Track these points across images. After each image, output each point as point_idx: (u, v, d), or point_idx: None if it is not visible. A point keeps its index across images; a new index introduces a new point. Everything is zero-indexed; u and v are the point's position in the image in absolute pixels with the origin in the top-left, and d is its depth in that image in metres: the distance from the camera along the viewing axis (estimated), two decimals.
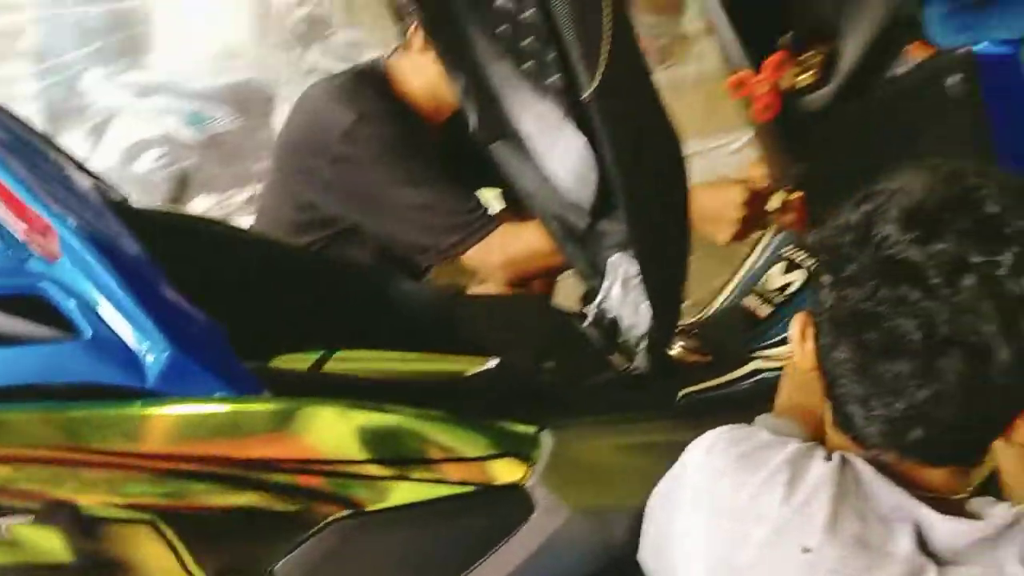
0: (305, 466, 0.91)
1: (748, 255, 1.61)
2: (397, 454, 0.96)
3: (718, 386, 1.40)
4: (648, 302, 1.32)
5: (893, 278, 0.76)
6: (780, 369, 1.41)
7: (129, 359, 0.88)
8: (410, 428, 0.97)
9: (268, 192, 1.93)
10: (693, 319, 1.55)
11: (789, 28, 1.37)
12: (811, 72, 1.37)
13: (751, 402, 1.31)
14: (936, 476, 0.82)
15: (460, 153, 1.76)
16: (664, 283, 1.23)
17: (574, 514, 1.13)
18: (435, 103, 1.79)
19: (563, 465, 1.11)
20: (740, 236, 1.58)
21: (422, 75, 1.76)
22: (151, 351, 0.88)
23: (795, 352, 0.91)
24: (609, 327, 1.41)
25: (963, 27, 1.15)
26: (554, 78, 1.26)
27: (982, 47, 1.16)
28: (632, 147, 1.03)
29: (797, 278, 1.50)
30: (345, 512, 0.94)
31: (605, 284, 1.43)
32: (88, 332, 0.87)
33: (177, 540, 0.90)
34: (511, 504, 1.07)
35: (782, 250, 1.55)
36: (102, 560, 0.91)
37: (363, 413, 0.94)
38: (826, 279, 0.82)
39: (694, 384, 1.39)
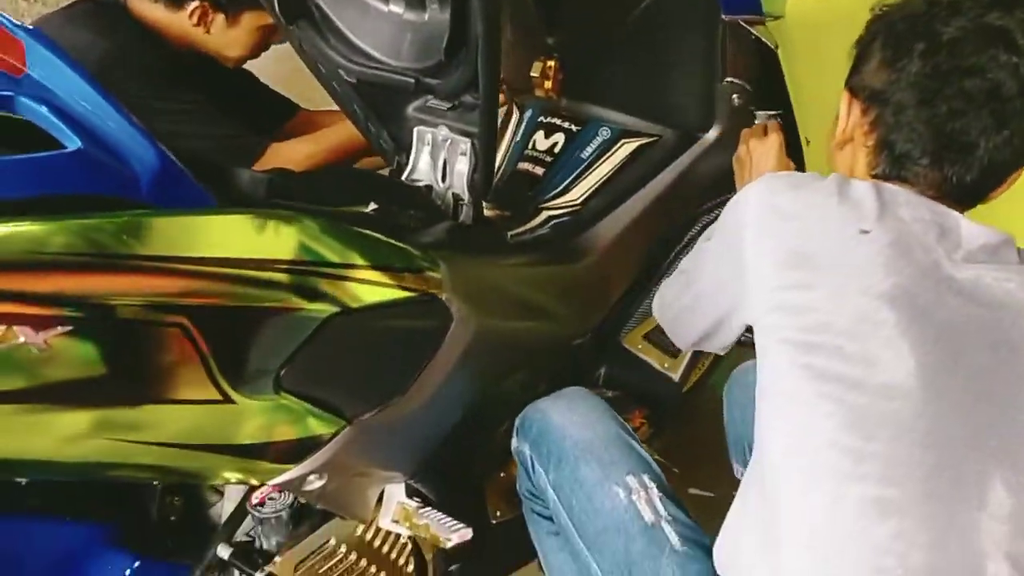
0: (291, 265, 0.93)
1: (506, 128, 1.79)
2: (352, 258, 1.00)
3: (527, 231, 1.57)
4: (468, 154, 1.44)
5: (989, 40, 0.97)
6: (567, 214, 1.62)
7: (119, 167, 0.83)
8: (364, 240, 1.02)
9: None
10: None
11: None
12: None
13: (554, 238, 1.51)
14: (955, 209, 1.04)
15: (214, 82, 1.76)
16: (491, 126, 1.36)
17: (481, 324, 1.24)
18: (185, 42, 1.76)
19: (460, 283, 1.21)
20: None
21: (182, 30, 1.73)
22: (139, 160, 0.84)
23: (840, 123, 1.11)
24: (424, 193, 1.52)
25: None
26: None
27: None
28: None
29: (560, 139, 1.71)
30: (336, 309, 0.97)
31: (412, 156, 1.53)
32: (75, 142, 0.81)
33: (204, 343, 0.87)
34: (437, 312, 1.15)
35: (538, 119, 1.75)
36: (133, 371, 0.85)
37: (326, 223, 0.97)
38: (919, 46, 1.00)
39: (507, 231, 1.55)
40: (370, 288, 1.02)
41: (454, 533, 1.14)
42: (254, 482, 1.06)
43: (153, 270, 0.82)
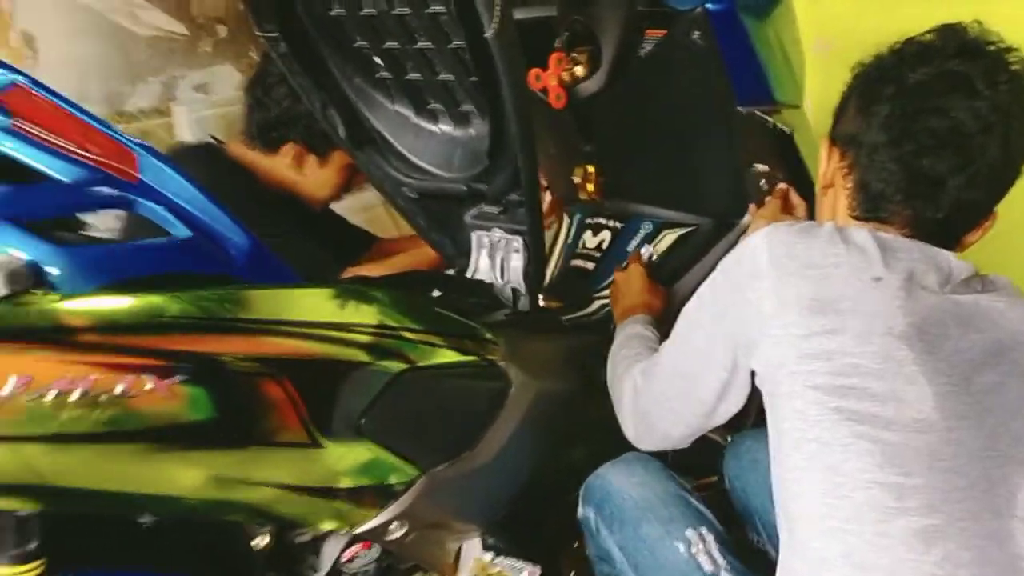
0: (365, 328, 1.09)
1: (557, 233, 1.96)
2: (418, 325, 1.16)
3: (581, 316, 1.71)
4: (521, 250, 1.61)
5: (952, 84, 1.07)
6: None
7: (219, 251, 1.02)
8: (427, 310, 1.19)
9: None
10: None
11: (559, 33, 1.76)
12: (582, 65, 1.78)
13: (606, 322, 1.65)
14: None
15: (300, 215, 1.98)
16: (537, 218, 1.53)
17: (540, 391, 1.37)
18: (276, 184, 1.99)
19: (517, 354, 1.35)
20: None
21: (278, 173, 1.97)
22: (235, 245, 1.03)
23: (821, 168, 1.21)
24: (485, 286, 1.68)
25: None
26: (414, 75, 1.54)
27: (710, 5, 1.62)
28: (522, 80, 1.34)
29: (606, 236, 1.88)
30: (405, 365, 1.13)
31: (473, 259, 1.71)
32: (184, 232, 1.00)
33: (295, 391, 1.03)
34: (498, 376, 1.29)
35: (585, 222, 1.92)
36: (237, 415, 1.01)
37: (395, 294, 1.14)
38: (889, 90, 1.10)
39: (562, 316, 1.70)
40: (434, 350, 1.17)
41: (524, 572, 1.24)
42: (347, 529, 1.19)
43: (250, 331, 0.99)
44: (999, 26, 1.15)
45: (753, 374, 1.14)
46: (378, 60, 1.55)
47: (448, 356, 1.18)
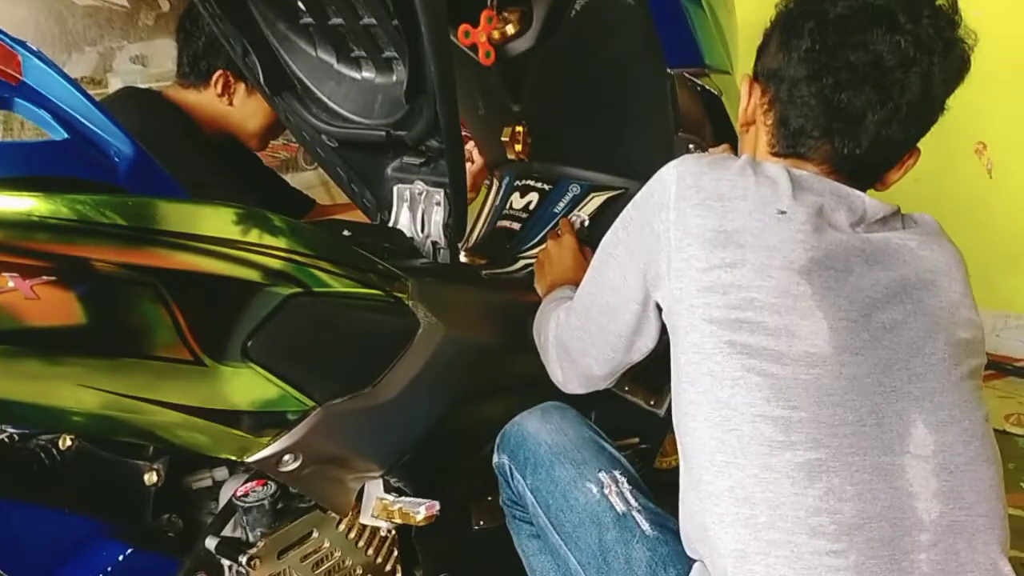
0: (258, 248, 1.05)
1: (487, 195, 1.94)
2: (318, 252, 1.13)
3: (503, 273, 1.69)
4: (442, 203, 1.58)
5: (873, 17, 1.05)
6: None
7: (100, 158, 0.98)
8: (331, 241, 1.16)
9: None
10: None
11: None
12: (513, 23, 1.76)
13: (527, 281, 1.62)
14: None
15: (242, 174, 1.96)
16: (458, 166, 1.51)
17: (448, 333, 1.34)
18: (213, 125, 1.97)
19: (427, 296, 1.32)
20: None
21: (210, 107, 1.95)
22: (118, 152, 0.99)
23: (742, 104, 1.19)
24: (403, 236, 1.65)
25: None
26: (337, 20, 1.52)
27: None
28: (441, 18, 1.31)
29: (534, 197, 1.85)
30: (298, 289, 1.09)
31: (393, 212, 1.68)
32: (64, 134, 0.96)
33: (174, 304, 0.98)
34: (404, 314, 1.26)
35: (514, 183, 1.90)
36: (110, 324, 0.97)
37: (299, 224, 1.11)
38: (809, 24, 1.08)
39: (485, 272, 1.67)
40: (333, 277, 1.13)
41: (421, 507, 1.21)
42: (243, 458, 1.15)
43: (130, 240, 0.95)
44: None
45: (660, 309, 1.13)
46: (301, 5, 1.52)
47: (348, 285, 1.14)
